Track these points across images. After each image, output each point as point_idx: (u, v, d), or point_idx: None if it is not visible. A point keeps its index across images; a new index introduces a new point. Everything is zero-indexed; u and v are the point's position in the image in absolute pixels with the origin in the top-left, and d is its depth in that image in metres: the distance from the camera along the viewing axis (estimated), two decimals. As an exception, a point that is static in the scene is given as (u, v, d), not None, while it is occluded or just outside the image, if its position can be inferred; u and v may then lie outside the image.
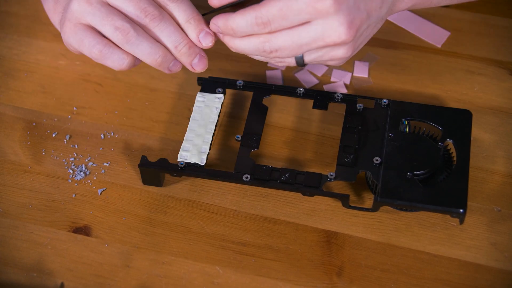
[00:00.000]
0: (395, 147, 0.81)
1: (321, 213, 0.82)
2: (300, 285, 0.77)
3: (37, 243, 0.81)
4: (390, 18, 0.98)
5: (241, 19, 0.75)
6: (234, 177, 0.81)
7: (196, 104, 0.86)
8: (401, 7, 0.81)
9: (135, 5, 0.76)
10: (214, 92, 0.87)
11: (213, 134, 0.84)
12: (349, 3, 0.73)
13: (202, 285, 0.78)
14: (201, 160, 0.82)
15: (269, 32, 0.75)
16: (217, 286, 0.78)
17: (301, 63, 0.78)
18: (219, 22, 0.77)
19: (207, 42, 0.78)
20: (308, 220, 0.81)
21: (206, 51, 0.92)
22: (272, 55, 0.76)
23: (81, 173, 0.85)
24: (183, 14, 0.78)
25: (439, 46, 0.94)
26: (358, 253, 0.79)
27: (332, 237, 0.80)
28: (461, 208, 0.76)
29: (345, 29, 0.73)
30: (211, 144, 0.83)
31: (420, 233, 0.80)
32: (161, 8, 0.77)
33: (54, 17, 0.85)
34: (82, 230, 0.81)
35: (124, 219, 0.82)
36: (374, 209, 0.80)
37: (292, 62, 0.78)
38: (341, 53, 0.76)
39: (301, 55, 0.77)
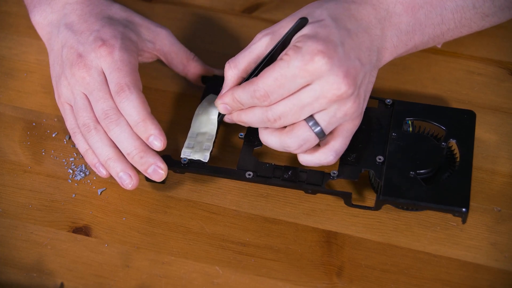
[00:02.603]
0: (398, 146, 0.81)
1: (321, 213, 0.82)
2: (300, 285, 0.77)
3: (37, 243, 0.81)
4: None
5: (243, 93, 0.77)
6: (236, 174, 0.81)
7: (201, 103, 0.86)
8: (386, 57, 0.82)
9: (99, 106, 0.81)
10: (218, 91, 0.87)
11: (217, 132, 0.84)
12: (340, 55, 0.75)
13: (202, 285, 0.78)
14: (204, 157, 0.82)
15: (270, 104, 0.76)
16: (217, 286, 0.78)
17: (321, 132, 0.77)
18: (226, 99, 0.79)
19: (157, 146, 0.80)
20: (308, 220, 0.81)
21: (206, 54, 0.93)
22: (277, 124, 0.77)
23: (81, 173, 0.85)
24: (132, 116, 0.80)
25: (439, 46, 0.94)
26: (358, 253, 0.79)
27: (332, 237, 0.80)
28: (463, 207, 0.76)
29: (342, 79, 0.74)
30: (214, 141, 0.84)
31: (420, 233, 0.80)
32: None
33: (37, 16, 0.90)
34: (82, 230, 0.81)
35: (124, 219, 0.82)
36: (377, 207, 0.80)
37: (312, 137, 0.77)
38: (350, 106, 0.76)
39: (317, 125, 0.76)
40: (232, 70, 0.80)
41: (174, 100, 0.91)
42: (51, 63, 0.87)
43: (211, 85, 0.88)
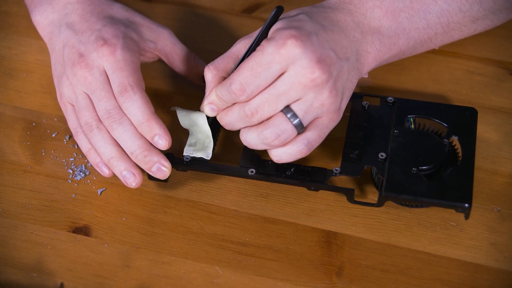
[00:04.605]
0: (400, 143, 0.81)
1: (321, 213, 0.82)
2: (300, 285, 0.77)
3: (37, 243, 0.81)
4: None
5: (221, 88, 0.77)
6: (239, 172, 0.81)
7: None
8: (370, 61, 0.81)
9: (102, 105, 0.81)
10: None
11: (219, 130, 0.84)
12: (313, 41, 0.75)
13: (202, 285, 0.78)
14: (207, 154, 0.82)
15: (249, 99, 0.76)
16: (217, 286, 0.78)
17: (299, 125, 0.76)
18: (211, 97, 0.78)
19: (162, 145, 0.80)
20: (308, 220, 0.81)
21: (206, 54, 0.93)
22: (255, 118, 0.76)
23: (81, 173, 0.85)
24: (136, 116, 0.80)
25: (436, 47, 0.93)
26: (358, 253, 0.79)
27: (332, 237, 0.80)
28: (466, 203, 0.76)
29: (316, 63, 0.74)
30: (216, 139, 0.83)
31: (420, 233, 0.80)
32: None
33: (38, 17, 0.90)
34: (82, 230, 0.81)
35: (123, 219, 0.82)
36: (379, 204, 0.80)
37: (290, 128, 0.76)
38: (326, 96, 0.75)
39: (295, 117, 0.75)
40: (212, 71, 0.79)
41: (175, 100, 0.91)
42: (53, 63, 0.87)
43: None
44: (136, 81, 0.81)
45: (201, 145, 0.83)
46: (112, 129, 0.81)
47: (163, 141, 0.80)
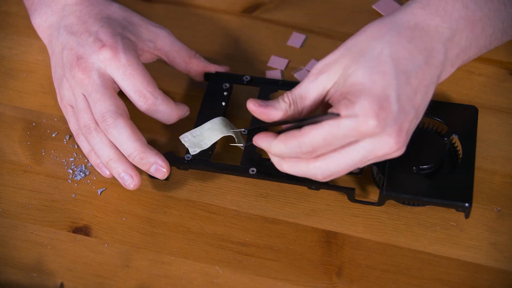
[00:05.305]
0: None
1: (321, 213, 0.82)
2: (300, 285, 0.77)
3: (37, 243, 0.81)
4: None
5: (284, 147, 0.73)
6: (240, 170, 0.81)
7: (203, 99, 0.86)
8: (442, 78, 0.78)
9: (97, 108, 0.81)
10: (221, 88, 0.87)
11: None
12: (394, 113, 0.71)
13: (202, 285, 0.78)
14: (193, 151, 0.82)
15: (316, 157, 0.73)
16: (217, 286, 0.78)
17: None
18: (261, 144, 0.76)
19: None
20: (308, 220, 0.81)
21: (206, 54, 0.93)
22: (328, 180, 0.75)
23: (81, 173, 0.85)
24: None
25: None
26: (358, 253, 0.79)
27: (332, 237, 0.80)
28: (466, 202, 0.76)
29: (395, 138, 0.72)
30: (215, 144, 0.83)
31: (420, 233, 0.80)
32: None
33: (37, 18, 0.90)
34: (82, 230, 0.81)
35: (124, 219, 0.82)
36: (380, 203, 0.80)
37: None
38: (395, 155, 0.74)
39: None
40: (285, 103, 0.76)
41: (175, 100, 0.91)
42: (53, 65, 0.87)
43: (214, 82, 0.88)
44: (150, 84, 0.83)
45: (199, 140, 0.83)
46: (107, 132, 0.81)
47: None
